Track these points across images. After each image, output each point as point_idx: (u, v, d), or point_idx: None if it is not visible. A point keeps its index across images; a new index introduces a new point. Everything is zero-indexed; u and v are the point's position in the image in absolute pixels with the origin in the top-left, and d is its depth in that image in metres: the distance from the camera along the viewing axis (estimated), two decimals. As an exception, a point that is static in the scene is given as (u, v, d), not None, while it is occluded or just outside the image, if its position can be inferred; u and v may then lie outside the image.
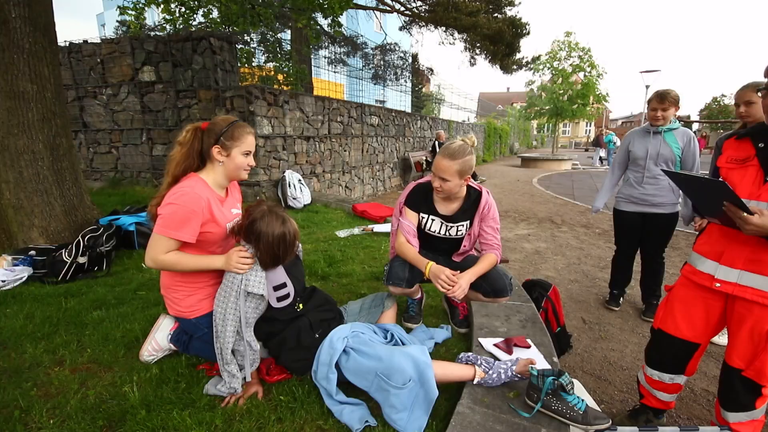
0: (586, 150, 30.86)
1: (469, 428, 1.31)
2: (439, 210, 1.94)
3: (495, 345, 1.81)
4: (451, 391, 1.57)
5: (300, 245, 1.81)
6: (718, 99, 34.53)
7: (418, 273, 1.89)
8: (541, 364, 1.67)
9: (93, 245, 2.91)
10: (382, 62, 12.37)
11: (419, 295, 2.18)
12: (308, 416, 1.45)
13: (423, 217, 1.97)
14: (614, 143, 16.18)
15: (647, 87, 18.55)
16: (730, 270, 1.37)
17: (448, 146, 1.80)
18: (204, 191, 1.54)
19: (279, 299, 1.59)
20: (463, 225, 1.95)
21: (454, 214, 1.94)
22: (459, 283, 1.70)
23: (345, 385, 1.53)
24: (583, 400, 1.38)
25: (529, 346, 1.79)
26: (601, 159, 17.37)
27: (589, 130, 44.84)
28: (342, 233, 4.05)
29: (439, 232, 1.97)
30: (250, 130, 1.63)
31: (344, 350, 1.52)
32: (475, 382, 1.51)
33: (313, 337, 1.61)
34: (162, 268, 1.54)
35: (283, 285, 1.60)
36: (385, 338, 1.70)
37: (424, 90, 22.84)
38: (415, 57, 14.00)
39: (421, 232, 2.02)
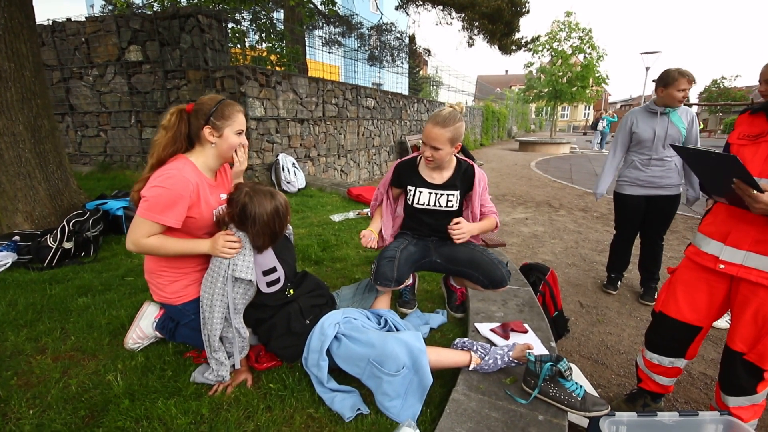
0: (585, 134, 30.66)
1: (464, 415, 1.27)
2: (428, 179, 1.90)
3: (491, 330, 1.76)
4: (446, 377, 1.53)
5: (291, 228, 1.74)
6: (717, 81, 34.18)
7: (406, 271, 1.84)
8: (539, 349, 1.63)
9: (79, 230, 2.83)
10: (378, 43, 12.06)
11: (410, 281, 2.13)
12: (299, 404, 1.41)
13: (410, 190, 1.91)
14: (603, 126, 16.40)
15: (647, 69, 18.32)
16: (736, 251, 1.32)
17: (439, 113, 1.72)
18: (192, 174, 1.47)
19: (269, 284, 1.53)
20: (453, 195, 1.88)
21: (445, 183, 1.89)
22: (462, 226, 1.76)
23: (336, 372, 1.49)
24: (581, 386, 1.34)
25: (526, 331, 1.75)
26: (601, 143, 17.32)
27: (588, 114, 44.47)
28: (336, 217, 3.98)
29: (428, 204, 1.91)
30: (240, 108, 1.57)
31: (336, 336, 1.48)
32: (470, 368, 1.47)
33: (304, 324, 1.55)
34: (144, 252, 1.47)
35: (273, 269, 1.54)
36: (379, 324, 1.65)
37: (421, 72, 22.43)
38: (412, 38, 13.65)
39: (410, 211, 1.96)
